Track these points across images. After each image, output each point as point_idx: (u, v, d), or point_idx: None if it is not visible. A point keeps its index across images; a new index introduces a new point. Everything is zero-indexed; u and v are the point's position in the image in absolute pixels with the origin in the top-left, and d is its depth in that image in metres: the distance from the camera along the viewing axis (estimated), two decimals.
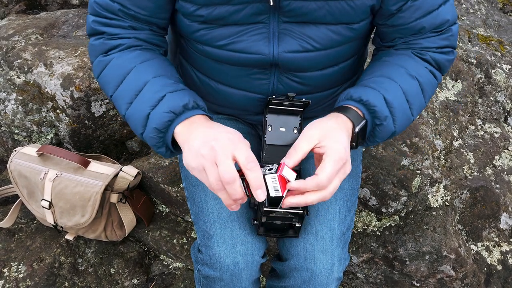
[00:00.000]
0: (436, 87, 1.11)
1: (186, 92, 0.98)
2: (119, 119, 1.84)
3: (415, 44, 1.08)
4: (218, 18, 1.00)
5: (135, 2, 1.00)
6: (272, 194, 0.91)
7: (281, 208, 0.94)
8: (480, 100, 1.91)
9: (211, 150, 0.85)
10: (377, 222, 1.64)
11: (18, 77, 1.86)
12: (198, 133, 0.90)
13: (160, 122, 0.93)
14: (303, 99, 1.08)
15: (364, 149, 1.58)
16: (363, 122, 0.99)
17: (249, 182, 0.85)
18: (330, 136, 0.91)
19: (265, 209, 1.02)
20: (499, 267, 1.70)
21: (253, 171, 0.85)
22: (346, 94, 1.03)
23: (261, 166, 0.94)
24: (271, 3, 0.95)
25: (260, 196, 0.85)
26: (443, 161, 1.69)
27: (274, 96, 1.07)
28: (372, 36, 1.19)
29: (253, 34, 1.02)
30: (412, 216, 1.62)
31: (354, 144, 0.99)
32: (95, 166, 1.62)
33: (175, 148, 0.98)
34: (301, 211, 1.03)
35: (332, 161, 0.88)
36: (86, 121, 1.77)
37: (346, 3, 0.97)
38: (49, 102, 1.80)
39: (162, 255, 1.83)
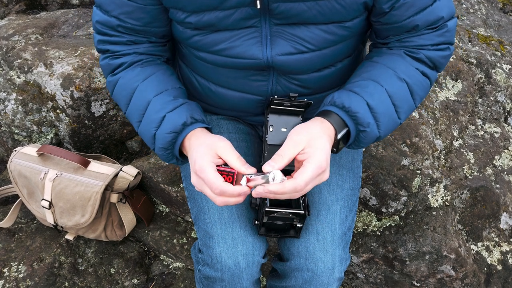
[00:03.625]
0: (430, 88, 1.09)
1: (184, 108, 1.03)
2: (119, 119, 1.84)
3: (409, 42, 1.05)
4: (208, 25, 1.01)
5: (129, 15, 1.04)
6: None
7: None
8: (480, 100, 1.91)
9: (197, 178, 0.94)
10: (377, 222, 1.64)
11: (18, 77, 1.86)
12: (190, 158, 0.98)
13: (164, 142, 1.02)
14: (305, 99, 1.08)
15: (364, 149, 1.58)
16: (344, 130, 0.99)
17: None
18: (314, 144, 0.92)
19: (266, 209, 1.02)
20: (499, 267, 1.70)
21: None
22: (330, 98, 1.02)
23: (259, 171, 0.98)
24: (258, 6, 0.95)
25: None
26: (443, 161, 1.69)
27: (276, 96, 1.08)
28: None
29: (246, 38, 1.02)
30: (412, 216, 1.62)
31: (334, 149, 0.99)
32: (95, 166, 1.62)
33: (184, 157, 1.07)
34: (303, 212, 1.03)
35: (312, 167, 0.89)
36: (86, 121, 1.77)
37: (336, 2, 0.96)
38: (49, 102, 1.80)
39: (162, 255, 1.83)
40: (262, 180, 0.90)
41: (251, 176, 0.92)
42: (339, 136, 0.98)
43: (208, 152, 0.94)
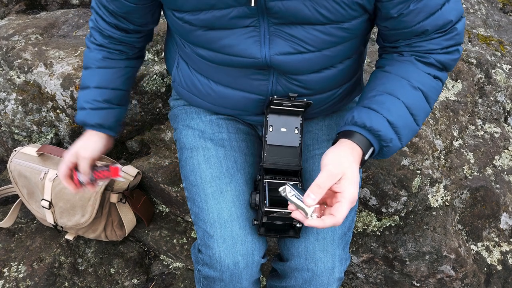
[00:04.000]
0: (441, 89, 1.10)
1: (101, 114, 1.27)
2: None
3: (418, 47, 1.05)
4: (206, 24, 1.02)
5: (112, 1, 1.14)
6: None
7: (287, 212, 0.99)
8: (480, 100, 1.91)
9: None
10: (377, 222, 1.64)
11: (18, 77, 1.86)
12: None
13: (78, 121, 1.29)
14: (305, 99, 1.08)
15: None
16: (370, 151, 1.01)
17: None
18: (347, 176, 0.93)
19: (266, 209, 1.02)
20: (499, 267, 1.70)
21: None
22: (351, 118, 1.03)
23: (281, 179, 1.08)
24: (252, 4, 0.95)
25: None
26: (443, 161, 1.69)
27: (275, 96, 1.08)
28: (375, 36, 1.18)
29: (245, 37, 1.03)
30: (412, 216, 1.62)
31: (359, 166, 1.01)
32: None
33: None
34: None
35: (348, 203, 0.91)
36: None
37: (333, 0, 0.96)
38: (49, 102, 1.80)
39: (162, 255, 1.83)
40: (298, 202, 0.92)
41: (283, 193, 0.93)
42: (366, 158, 1.01)
43: (71, 152, 1.24)
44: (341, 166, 0.93)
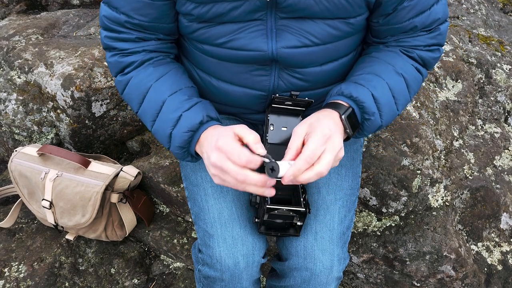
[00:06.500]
0: (422, 83, 1.17)
1: (199, 107, 1.05)
2: (120, 119, 1.84)
3: (404, 42, 1.12)
4: (216, 16, 1.02)
5: (138, 11, 1.05)
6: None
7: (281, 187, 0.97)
8: (480, 100, 1.91)
9: (219, 154, 0.92)
10: (377, 222, 1.64)
11: (19, 77, 1.86)
12: (208, 143, 0.98)
13: (182, 141, 1.03)
14: (306, 98, 1.08)
15: (364, 149, 1.59)
16: (349, 110, 1.03)
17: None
18: (315, 126, 0.95)
19: (267, 206, 1.03)
20: (500, 267, 1.70)
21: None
22: (337, 90, 1.07)
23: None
24: None
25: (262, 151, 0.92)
26: (444, 161, 1.69)
27: (277, 95, 1.08)
28: None
29: (251, 31, 1.04)
30: (413, 216, 1.62)
31: (348, 131, 1.02)
32: (96, 166, 1.62)
33: (198, 155, 1.07)
34: (304, 209, 1.04)
35: (314, 138, 0.92)
36: (86, 121, 1.77)
37: None
38: (50, 102, 1.80)
39: (162, 255, 1.83)
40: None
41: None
42: (343, 116, 1.01)
43: (229, 133, 0.94)
44: (305, 123, 0.96)
